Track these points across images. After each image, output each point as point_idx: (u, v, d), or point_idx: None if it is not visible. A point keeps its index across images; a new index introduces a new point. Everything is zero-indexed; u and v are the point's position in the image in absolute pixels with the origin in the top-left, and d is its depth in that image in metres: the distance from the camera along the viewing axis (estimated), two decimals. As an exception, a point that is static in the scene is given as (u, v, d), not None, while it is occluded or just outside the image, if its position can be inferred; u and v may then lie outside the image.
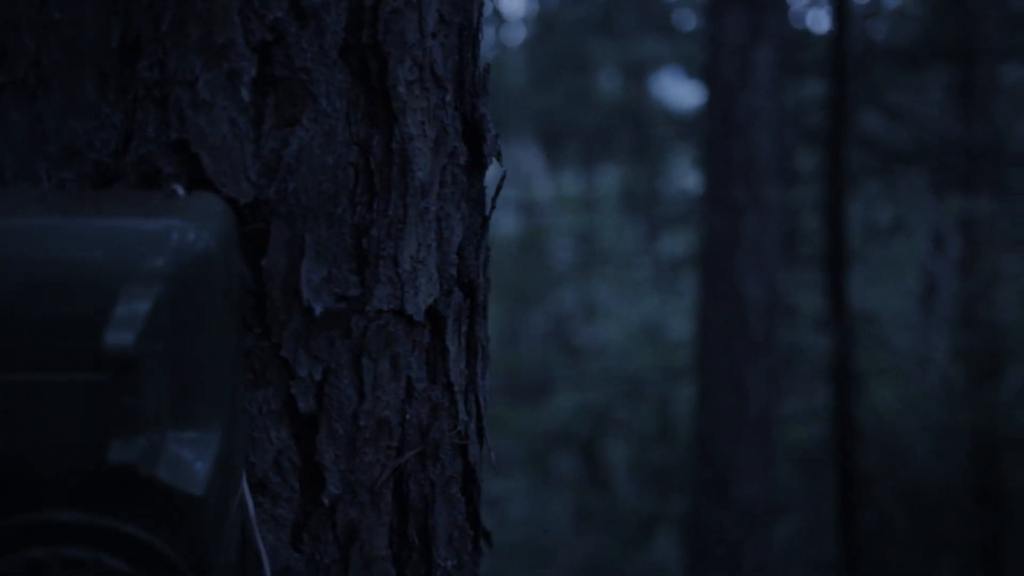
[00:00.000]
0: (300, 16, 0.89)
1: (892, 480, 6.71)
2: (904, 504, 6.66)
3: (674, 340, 8.80)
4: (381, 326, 0.98)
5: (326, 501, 0.96)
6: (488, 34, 10.92)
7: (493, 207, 1.13)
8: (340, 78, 0.93)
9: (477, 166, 1.08)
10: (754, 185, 4.33)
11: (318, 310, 0.92)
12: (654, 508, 8.27)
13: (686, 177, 10.63)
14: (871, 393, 7.17)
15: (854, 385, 4.98)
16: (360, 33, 0.93)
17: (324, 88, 0.91)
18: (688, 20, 9.98)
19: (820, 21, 8.58)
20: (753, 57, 4.29)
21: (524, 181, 11.24)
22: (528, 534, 8.51)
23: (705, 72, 4.63)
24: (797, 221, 8.70)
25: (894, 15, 8.94)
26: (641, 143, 9.09)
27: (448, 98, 1.01)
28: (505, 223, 11.16)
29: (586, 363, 9.62)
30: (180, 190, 0.82)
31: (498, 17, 10.67)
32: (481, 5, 1.08)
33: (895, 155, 7.33)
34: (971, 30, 6.62)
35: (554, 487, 9.76)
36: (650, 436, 8.92)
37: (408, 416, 1.02)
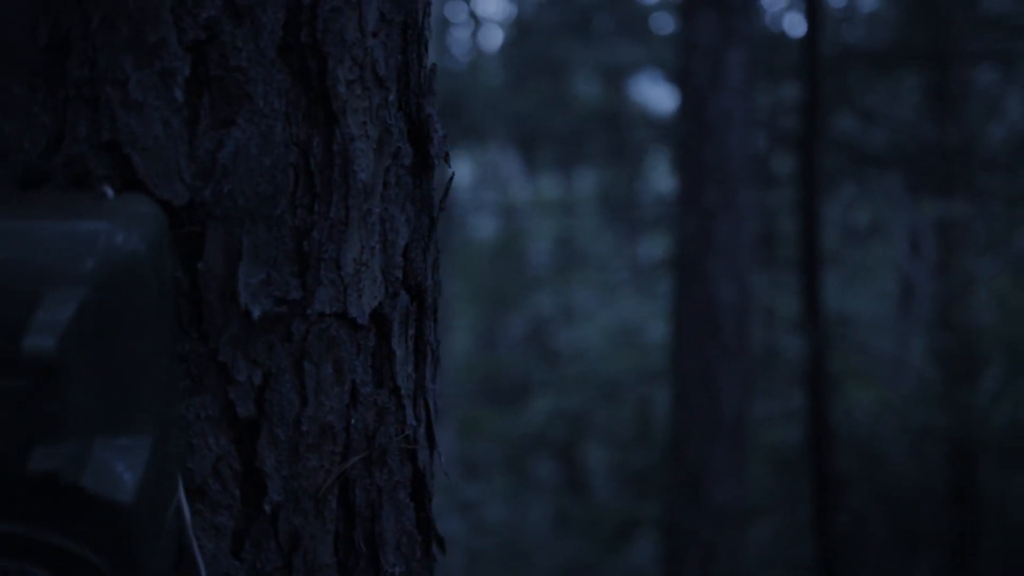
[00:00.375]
0: (235, 15, 0.88)
1: (868, 482, 6.73)
2: (880, 506, 6.68)
3: (651, 343, 8.81)
4: (323, 329, 0.96)
5: (268, 508, 0.94)
6: (464, 38, 10.91)
7: (442, 208, 1.12)
8: (278, 78, 0.91)
9: (423, 167, 1.06)
10: (727, 188, 4.33)
11: (256, 314, 0.91)
12: (632, 511, 8.28)
13: (664, 180, 10.64)
14: (847, 395, 7.19)
15: (829, 387, 4.99)
16: (298, 32, 0.92)
17: (261, 88, 0.90)
18: (666, 24, 9.99)
19: (796, 25, 8.60)
20: (725, 59, 4.30)
21: (502, 185, 11.23)
22: (507, 538, 8.49)
23: (678, 75, 4.63)
24: (774, 223, 8.73)
25: (870, 19, 8.98)
26: (618, 146, 9.10)
27: (391, 98, 0.99)
28: (483, 227, 11.14)
29: (564, 367, 9.62)
30: (109, 192, 0.81)
31: (475, 21, 10.67)
32: (427, 4, 1.07)
33: (870, 158, 7.36)
34: (944, 34, 6.66)
35: (533, 491, 9.75)
36: (628, 439, 8.93)
37: (353, 421, 1.00)
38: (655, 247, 10.38)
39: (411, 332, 1.07)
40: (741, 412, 4.45)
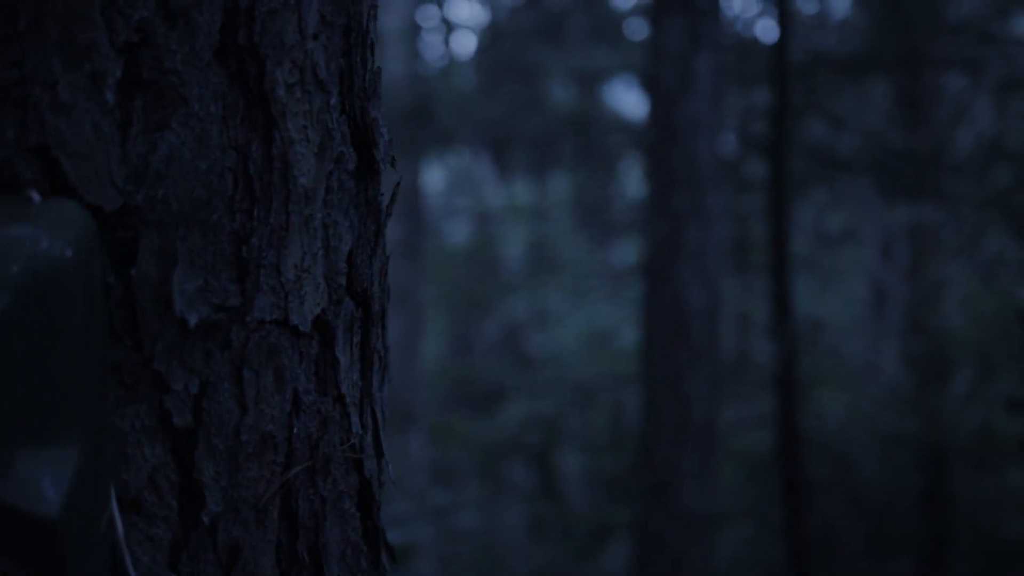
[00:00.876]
0: (169, 16, 0.86)
1: (840, 486, 6.75)
2: (852, 510, 6.70)
3: (625, 347, 8.81)
4: (263, 337, 0.94)
5: (206, 519, 0.92)
6: (437, 43, 10.90)
7: (389, 214, 1.10)
8: (215, 81, 0.89)
9: (368, 172, 1.05)
10: (696, 193, 4.33)
11: (193, 321, 0.89)
12: (606, 516, 8.27)
13: (637, 185, 10.66)
14: (819, 400, 7.21)
15: (799, 391, 5.00)
16: (236, 34, 0.90)
17: (196, 91, 0.88)
18: (640, 29, 10.00)
19: (767, 31, 8.64)
20: (693, 65, 4.30)
21: (475, 190, 11.22)
22: (481, 544, 8.47)
23: (648, 80, 4.64)
24: (747, 228, 8.76)
25: (841, 26, 9.03)
26: (592, 151, 9.11)
27: (333, 101, 0.98)
28: (457, 232, 11.13)
29: (538, 371, 9.61)
30: (36, 197, 0.79)
31: (447, 26, 10.65)
32: (372, 7, 1.05)
33: (840, 163, 7.39)
34: (912, 41, 6.70)
35: (507, 496, 9.74)
36: (602, 444, 8.93)
37: (296, 430, 0.99)
38: (628, 251, 10.39)
39: (356, 339, 1.06)
40: (711, 417, 4.45)
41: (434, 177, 12.00)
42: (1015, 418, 4.76)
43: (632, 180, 10.94)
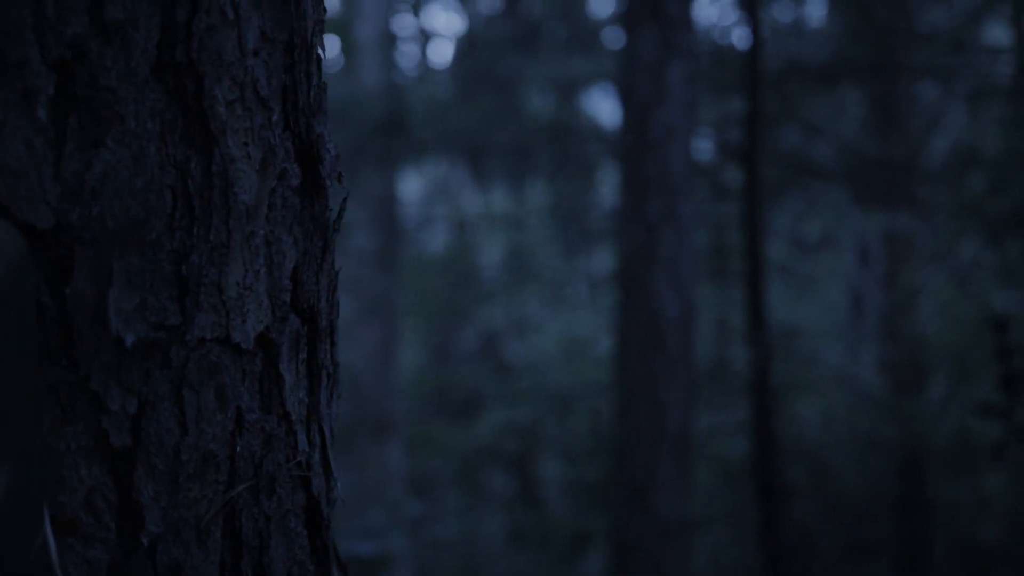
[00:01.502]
0: (103, 32, 0.85)
1: (817, 492, 6.77)
2: (829, 515, 6.72)
3: (603, 355, 8.82)
4: (204, 355, 0.94)
5: (145, 540, 0.91)
6: (414, 52, 10.89)
7: (336, 229, 1.09)
8: (152, 97, 0.89)
9: (314, 188, 1.04)
10: (670, 201, 4.34)
11: (130, 340, 0.88)
12: (585, 523, 8.26)
13: (616, 193, 10.67)
14: (796, 406, 7.23)
15: (774, 397, 5.01)
16: (173, 50, 0.89)
17: (133, 108, 0.87)
18: (618, 38, 10.01)
19: (742, 39, 8.67)
20: (666, 74, 4.31)
21: (452, 199, 11.21)
22: (460, 553, 8.45)
23: (621, 89, 4.65)
24: (725, 236, 8.78)
25: (816, 34, 9.07)
26: (570, 159, 9.12)
27: (275, 118, 0.97)
28: (434, 241, 11.12)
29: (516, 379, 9.60)
30: (-37, 216, 0.78)
31: (424, 35, 10.65)
32: (318, 22, 1.04)
33: (815, 171, 7.42)
34: (885, 49, 6.73)
35: (486, 505, 9.72)
36: (581, 451, 8.92)
37: (239, 448, 0.98)
38: (607, 259, 10.41)
39: (303, 356, 1.05)
40: (686, 424, 4.46)
41: (412, 186, 11.98)
42: (988, 423, 4.79)
43: (610, 188, 10.95)
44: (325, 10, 1.08)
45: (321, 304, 1.06)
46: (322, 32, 1.07)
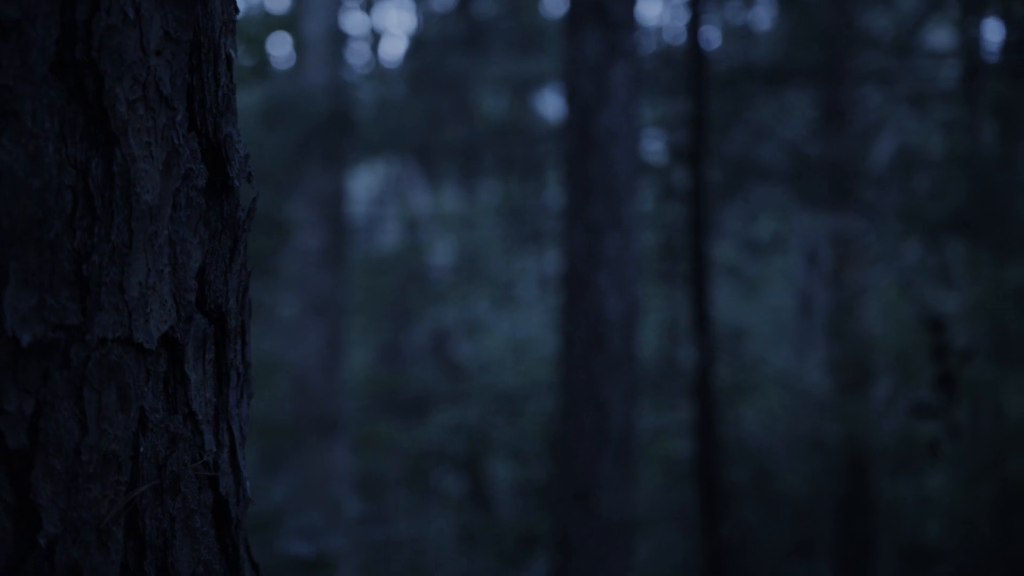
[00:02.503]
0: (-2, 30, 0.85)
1: (761, 492, 6.83)
2: (773, 515, 6.78)
3: (552, 355, 8.84)
4: (104, 355, 0.93)
5: (43, 541, 0.91)
6: (364, 51, 10.85)
7: (246, 229, 1.09)
8: (51, 95, 0.88)
9: (223, 188, 1.04)
10: (613, 203, 4.36)
11: (25, 340, 0.88)
12: (533, 525, 8.28)
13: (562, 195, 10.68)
14: (741, 407, 7.29)
15: (716, 398, 5.05)
16: (74, 49, 0.89)
17: (29, 106, 0.87)
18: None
19: (690, 41, 8.71)
20: (610, 76, 4.33)
21: (403, 198, 11.19)
22: (409, 554, 8.43)
23: (565, 90, 4.66)
24: (675, 237, 8.83)
25: (768, 36, 9.15)
26: (521, 159, 9.13)
27: (179, 118, 0.97)
28: (385, 241, 11.08)
29: (466, 380, 9.60)
30: None
31: (375, 34, 10.61)
32: (227, 22, 1.04)
33: (763, 172, 7.49)
34: (830, 53, 6.81)
35: (437, 505, 9.71)
36: (531, 452, 8.93)
37: (142, 448, 0.98)
38: (556, 260, 10.43)
39: (210, 356, 1.05)
40: (628, 425, 4.48)
41: (360, 185, 11.93)
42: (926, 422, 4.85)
43: (560, 188, 10.97)
44: (237, 10, 1.08)
45: (230, 304, 1.06)
46: (233, 32, 1.07)
